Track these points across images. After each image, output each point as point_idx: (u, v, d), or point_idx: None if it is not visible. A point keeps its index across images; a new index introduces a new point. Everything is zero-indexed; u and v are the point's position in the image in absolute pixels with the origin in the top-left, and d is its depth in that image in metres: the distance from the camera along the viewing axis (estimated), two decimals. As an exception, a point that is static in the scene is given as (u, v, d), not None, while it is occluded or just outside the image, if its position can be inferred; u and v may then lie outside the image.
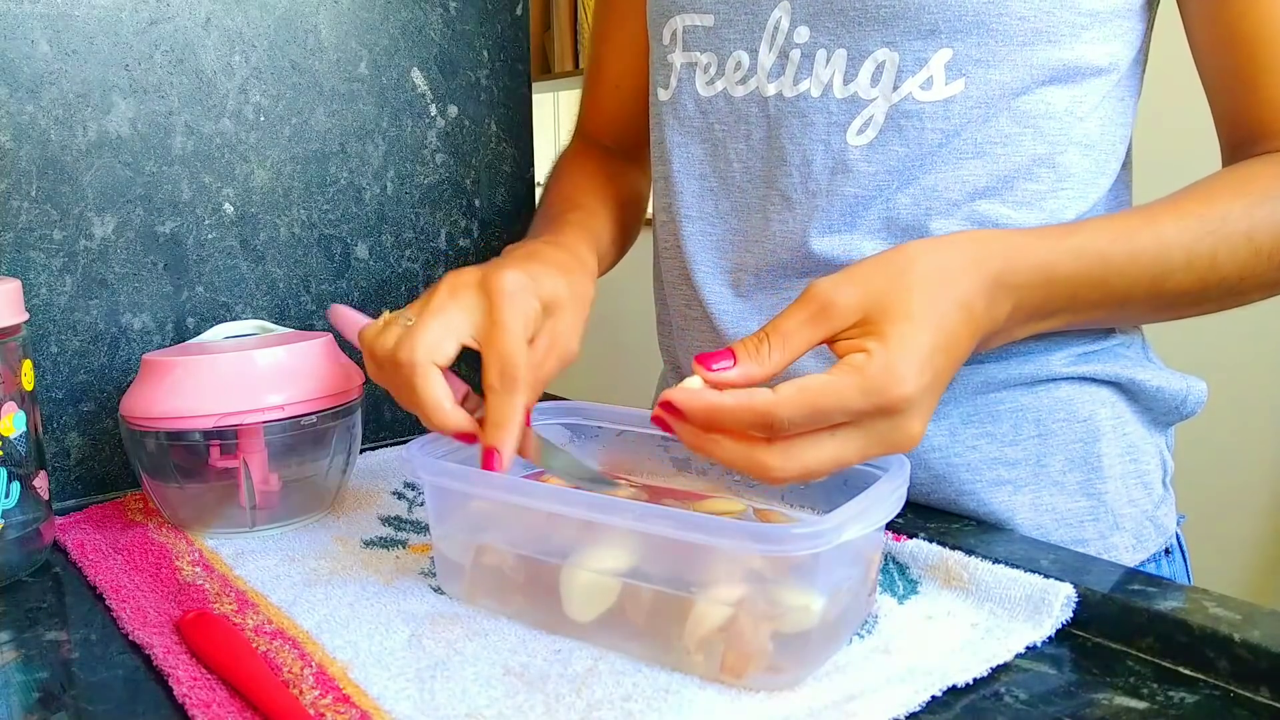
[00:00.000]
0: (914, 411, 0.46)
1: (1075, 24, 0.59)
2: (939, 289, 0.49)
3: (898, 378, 0.45)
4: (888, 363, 0.45)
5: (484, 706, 0.44)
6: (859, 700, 0.44)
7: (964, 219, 0.61)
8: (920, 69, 0.59)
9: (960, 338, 0.49)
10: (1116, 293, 0.56)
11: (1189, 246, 0.55)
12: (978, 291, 0.51)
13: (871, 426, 0.46)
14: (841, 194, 0.62)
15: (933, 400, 0.48)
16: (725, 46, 0.66)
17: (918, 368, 0.46)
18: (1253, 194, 0.56)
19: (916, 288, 0.48)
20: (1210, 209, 0.56)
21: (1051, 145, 0.61)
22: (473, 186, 0.90)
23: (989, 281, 0.51)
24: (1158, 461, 0.68)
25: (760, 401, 0.45)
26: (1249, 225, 0.56)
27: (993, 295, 0.51)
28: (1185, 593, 0.51)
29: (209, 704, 0.45)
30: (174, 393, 0.63)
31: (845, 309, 0.48)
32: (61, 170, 0.71)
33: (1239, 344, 1.51)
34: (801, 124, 0.63)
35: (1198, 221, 0.56)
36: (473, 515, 0.55)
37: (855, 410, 0.45)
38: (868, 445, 0.46)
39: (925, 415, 0.47)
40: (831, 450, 0.46)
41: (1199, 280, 0.56)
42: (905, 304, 0.48)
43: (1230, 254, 0.56)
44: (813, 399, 0.44)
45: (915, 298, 0.48)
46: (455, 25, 0.87)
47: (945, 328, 0.48)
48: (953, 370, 0.49)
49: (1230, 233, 0.55)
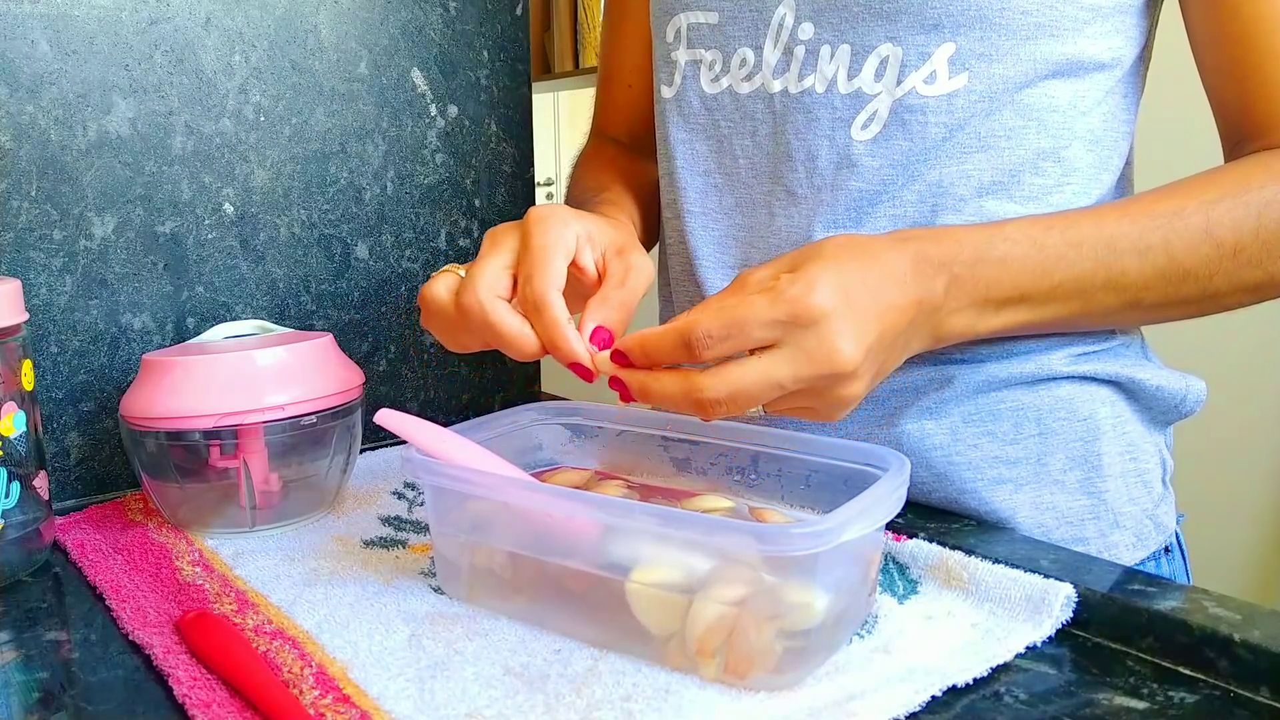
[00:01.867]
0: (835, 324, 0.47)
1: (1078, 19, 0.59)
2: (854, 252, 0.51)
3: (807, 286, 0.47)
4: (795, 278, 0.48)
5: (484, 706, 0.44)
6: (859, 700, 0.44)
7: (972, 215, 0.61)
8: (923, 64, 0.59)
9: (889, 290, 0.50)
10: (1068, 282, 0.56)
11: (1136, 238, 0.56)
12: (897, 258, 0.52)
13: (795, 343, 0.47)
14: (847, 189, 0.62)
15: (862, 324, 0.49)
16: (730, 44, 0.66)
17: (830, 286, 0.48)
18: (1211, 191, 0.57)
19: (830, 250, 0.51)
20: (1162, 204, 0.57)
21: (1056, 139, 0.61)
22: (473, 186, 0.90)
23: (912, 253, 0.53)
24: (1157, 460, 0.68)
25: (680, 320, 0.48)
26: (1205, 220, 0.56)
27: (917, 264, 0.53)
28: (1185, 593, 0.51)
29: (209, 704, 0.45)
30: (174, 393, 0.63)
31: (758, 276, 0.50)
32: (61, 170, 0.71)
33: (1239, 343, 1.51)
34: (806, 120, 0.63)
35: (1146, 215, 0.56)
36: (472, 515, 0.55)
37: (768, 319, 0.47)
38: (795, 362, 0.47)
39: (852, 334, 0.48)
40: (759, 368, 0.47)
41: (1160, 273, 0.56)
42: (818, 257, 0.50)
43: (1188, 249, 0.56)
44: (727, 309, 0.47)
45: (825, 252, 0.50)
46: (455, 25, 0.87)
47: (864, 272, 0.50)
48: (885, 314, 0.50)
49: (1184, 227, 0.56)
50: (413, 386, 0.90)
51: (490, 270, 0.54)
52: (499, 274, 0.54)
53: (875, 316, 0.49)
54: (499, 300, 0.53)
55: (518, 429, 0.64)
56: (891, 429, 0.65)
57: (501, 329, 0.53)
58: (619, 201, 0.71)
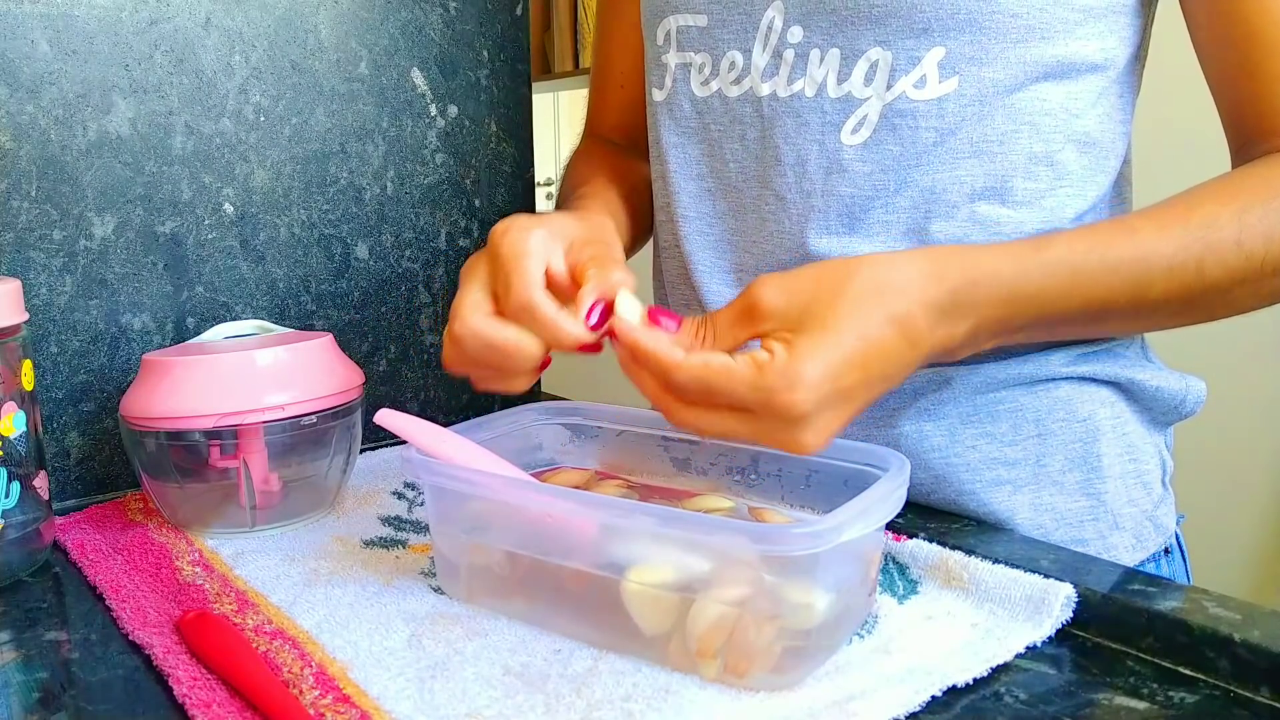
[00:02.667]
0: (806, 421, 0.47)
1: (1068, 20, 0.59)
2: (871, 304, 0.49)
3: (790, 383, 0.46)
4: (786, 368, 0.46)
5: (484, 706, 0.44)
6: (859, 700, 0.44)
7: (964, 221, 0.61)
8: (913, 68, 0.59)
9: (889, 355, 0.49)
10: (1093, 305, 0.55)
11: (1171, 255, 0.54)
12: (919, 312, 0.50)
13: (760, 420, 0.47)
14: (838, 194, 0.62)
15: (837, 413, 0.48)
16: (719, 47, 0.66)
17: (817, 379, 0.46)
18: (1242, 198, 0.55)
19: (845, 300, 0.49)
20: (1195, 215, 0.55)
21: (1048, 143, 0.61)
22: (473, 186, 0.90)
23: (939, 300, 0.51)
24: (1157, 461, 0.68)
25: (666, 358, 0.48)
26: (1237, 230, 0.54)
27: (941, 314, 0.51)
28: (1185, 593, 0.51)
29: (209, 704, 0.45)
30: (174, 393, 0.63)
31: (768, 311, 0.49)
32: (61, 170, 0.71)
33: (1239, 344, 1.51)
34: (796, 124, 0.63)
35: (1181, 228, 0.55)
36: (472, 515, 0.55)
37: (742, 401, 0.47)
38: (756, 435, 0.48)
39: (823, 427, 0.47)
40: (721, 423, 0.48)
41: (1183, 288, 0.55)
42: (825, 315, 0.48)
43: (1218, 261, 0.54)
44: (708, 375, 0.47)
45: (840, 309, 0.48)
46: (455, 25, 0.87)
47: (867, 343, 0.48)
48: (875, 386, 0.49)
49: (1218, 239, 0.54)
50: (413, 386, 0.90)
51: (469, 298, 0.54)
52: (479, 298, 0.54)
53: (860, 397, 0.49)
54: (487, 318, 0.53)
55: (518, 429, 0.64)
56: (890, 430, 0.65)
57: (498, 340, 0.52)
58: (600, 194, 0.71)
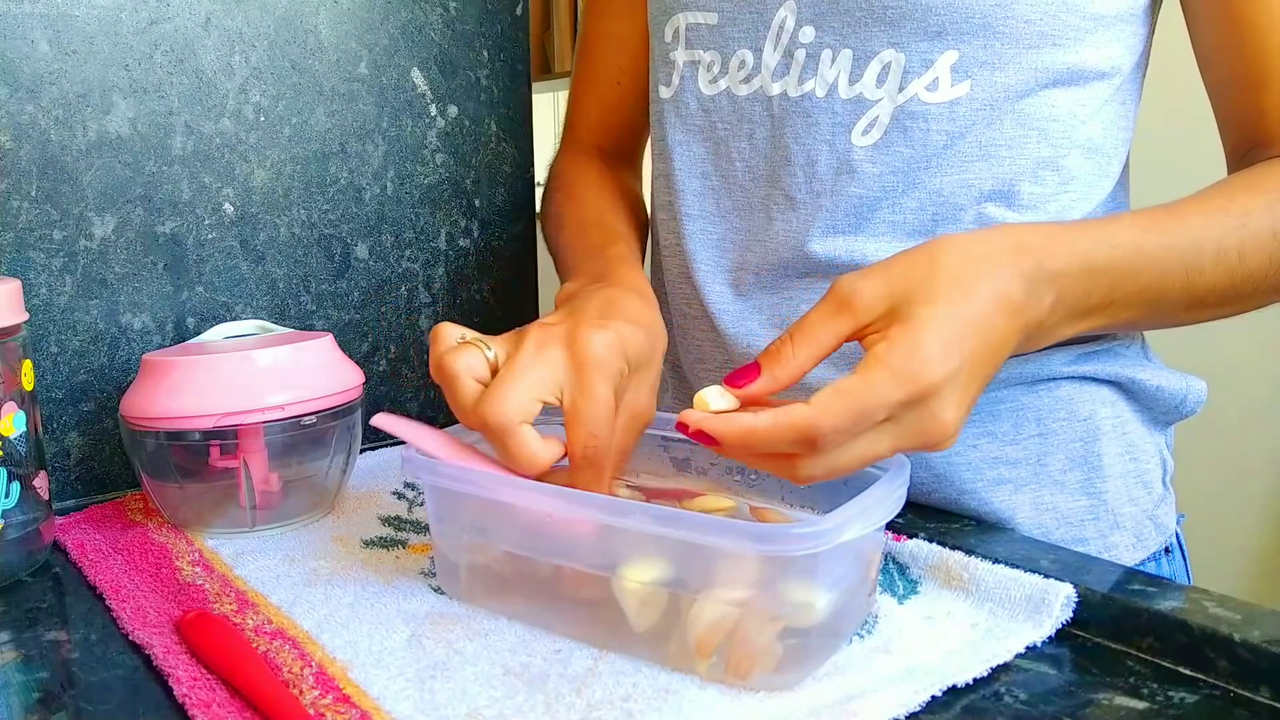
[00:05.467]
0: (944, 397, 0.45)
1: (1080, 28, 0.59)
2: (968, 277, 0.47)
3: (924, 359, 0.44)
4: (912, 347, 0.44)
5: (484, 706, 0.44)
6: (859, 700, 0.44)
7: (971, 223, 0.61)
8: (926, 70, 0.59)
9: (996, 325, 0.47)
10: (1152, 288, 0.54)
11: (1218, 240, 0.54)
12: (1015, 280, 0.48)
13: (904, 417, 0.45)
14: (846, 195, 0.62)
15: (966, 387, 0.46)
16: (729, 45, 0.66)
17: (944, 350, 0.44)
18: (1272, 191, 0.56)
19: (942, 275, 0.47)
20: (1233, 204, 0.55)
21: (1055, 148, 0.61)
22: (473, 186, 0.90)
23: (1029, 270, 0.49)
24: (1157, 461, 0.68)
25: (799, 418, 0.43)
26: (1273, 221, 0.55)
27: (1032, 284, 0.49)
28: (1185, 593, 0.51)
29: (209, 704, 0.45)
30: (174, 393, 0.63)
31: (869, 301, 0.47)
32: (61, 170, 0.71)
33: (1239, 344, 1.51)
34: (806, 124, 0.63)
35: (1223, 216, 0.55)
36: (472, 515, 0.55)
37: (895, 402, 0.44)
38: (899, 438, 0.45)
39: (958, 403, 0.45)
40: (862, 449, 0.45)
41: (1228, 274, 0.55)
42: (929, 290, 0.46)
43: (1257, 250, 0.55)
44: (853, 401, 0.43)
45: (940, 284, 0.47)
46: (455, 25, 0.87)
47: (976, 311, 0.47)
48: (991, 359, 0.47)
49: (1256, 229, 0.55)
50: (413, 386, 0.90)
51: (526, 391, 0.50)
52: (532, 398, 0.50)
53: (983, 365, 0.47)
54: (526, 426, 0.49)
55: (518, 429, 0.64)
56: (891, 429, 0.64)
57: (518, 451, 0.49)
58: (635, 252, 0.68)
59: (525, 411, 0.49)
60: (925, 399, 0.44)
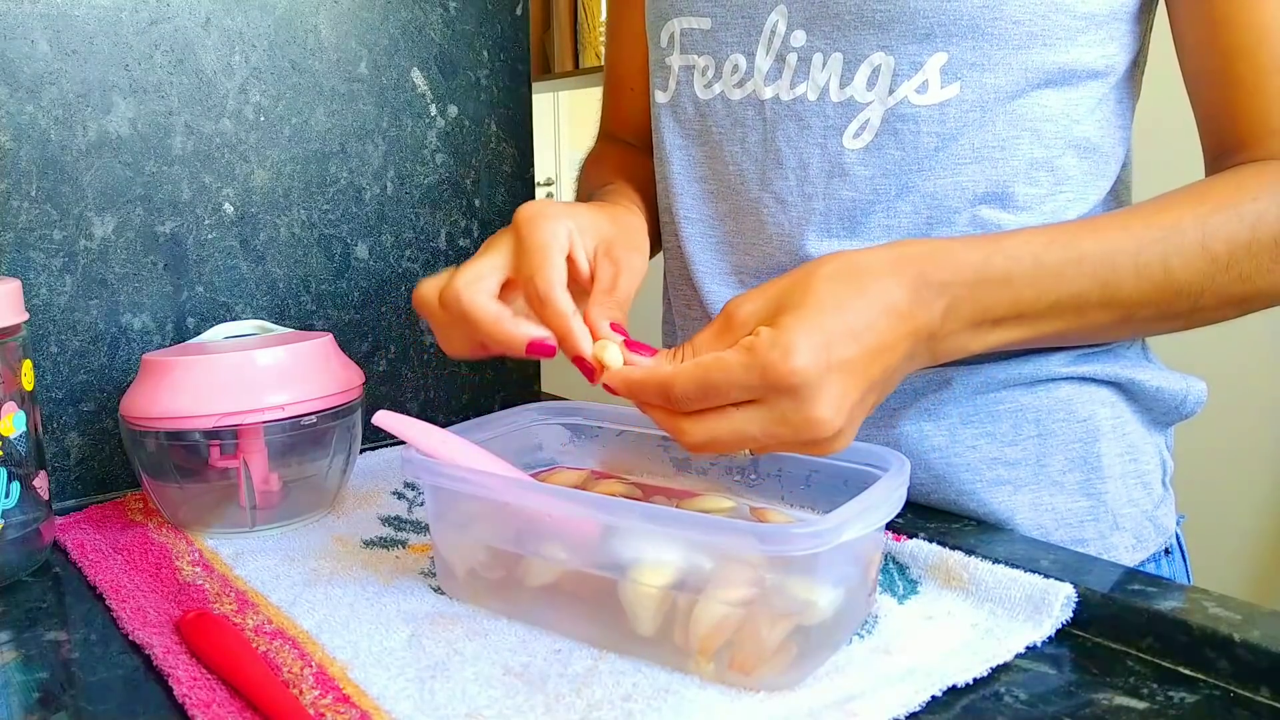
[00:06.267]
0: (812, 392, 0.46)
1: (1070, 28, 0.59)
2: (845, 287, 0.49)
3: (784, 351, 0.45)
4: (775, 340, 0.46)
5: (484, 706, 0.44)
6: (859, 700, 0.44)
7: (966, 225, 0.61)
8: (916, 73, 0.59)
9: (878, 328, 0.49)
10: (1066, 301, 0.54)
11: (1136, 253, 0.54)
12: (896, 288, 0.50)
13: (771, 405, 0.46)
14: (839, 198, 0.62)
15: (845, 388, 0.47)
16: (722, 50, 0.66)
17: (810, 345, 0.46)
18: (1208, 202, 0.55)
19: (818, 284, 0.49)
20: (1160, 217, 0.55)
21: (1048, 148, 0.61)
22: (473, 186, 0.90)
23: (913, 277, 0.51)
24: (1157, 461, 0.68)
25: (661, 373, 0.48)
26: (1202, 234, 0.54)
27: (917, 291, 0.51)
28: (1185, 593, 0.51)
29: (209, 704, 0.45)
30: (174, 393, 0.63)
31: (746, 317, 0.49)
32: (61, 170, 0.71)
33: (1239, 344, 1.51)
34: (798, 127, 0.63)
35: (1144, 228, 0.55)
36: (472, 515, 0.55)
37: (744, 384, 0.46)
38: (770, 424, 0.47)
39: (836, 403, 0.47)
40: (734, 424, 0.47)
41: (1155, 289, 0.55)
42: (802, 298, 0.48)
43: (1185, 263, 0.54)
44: (702, 371, 0.46)
45: (813, 293, 0.48)
46: (455, 25, 0.87)
47: (854, 317, 0.48)
48: (875, 361, 0.49)
49: (1182, 242, 0.54)
50: (413, 386, 0.90)
51: (476, 267, 0.54)
52: (487, 272, 0.54)
53: (861, 369, 0.48)
54: (479, 290, 0.54)
55: (518, 429, 0.64)
56: (890, 431, 0.65)
57: (476, 314, 0.53)
58: (624, 192, 0.71)
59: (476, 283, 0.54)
60: (793, 390, 0.46)
